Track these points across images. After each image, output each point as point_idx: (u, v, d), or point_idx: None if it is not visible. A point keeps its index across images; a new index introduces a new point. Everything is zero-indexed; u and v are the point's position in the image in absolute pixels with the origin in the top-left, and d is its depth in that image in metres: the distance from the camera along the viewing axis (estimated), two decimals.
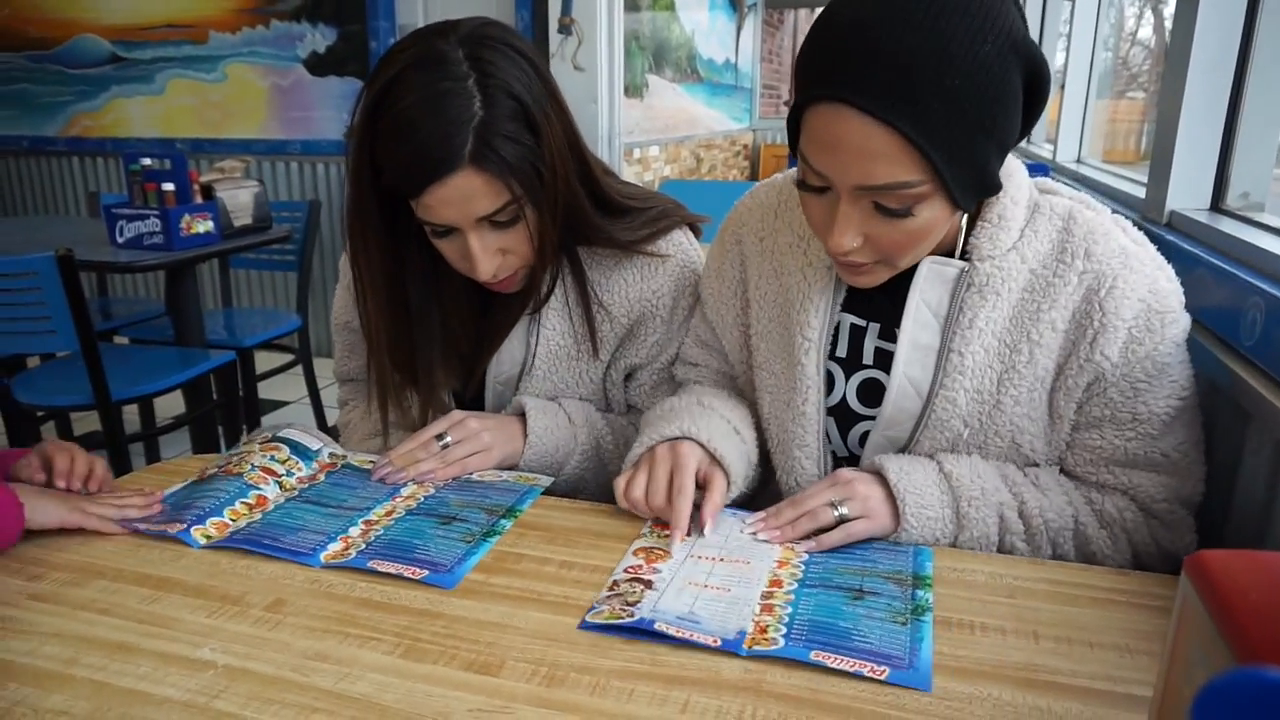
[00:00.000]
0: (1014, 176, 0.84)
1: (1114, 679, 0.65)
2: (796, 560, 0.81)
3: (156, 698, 0.63)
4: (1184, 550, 0.85)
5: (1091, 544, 0.85)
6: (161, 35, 3.93)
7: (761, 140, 6.46)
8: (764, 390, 0.98)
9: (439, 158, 0.85)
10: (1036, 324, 0.84)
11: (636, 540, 0.85)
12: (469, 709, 0.62)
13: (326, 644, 0.69)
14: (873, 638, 0.69)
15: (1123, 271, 0.81)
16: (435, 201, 0.87)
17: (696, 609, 0.73)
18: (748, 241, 1.00)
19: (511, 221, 0.91)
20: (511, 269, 0.97)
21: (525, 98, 0.88)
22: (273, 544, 0.84)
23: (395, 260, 0.99)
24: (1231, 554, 0.51)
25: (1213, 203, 1.21)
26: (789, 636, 0.69)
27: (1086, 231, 0.84)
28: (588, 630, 0.71)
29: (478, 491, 0.96)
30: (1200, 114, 1.17)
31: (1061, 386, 0.85)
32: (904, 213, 0.75)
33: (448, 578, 0.78)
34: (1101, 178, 1.98)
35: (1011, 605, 0.75)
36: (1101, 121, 2.69)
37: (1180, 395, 0.83)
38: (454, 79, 0.85)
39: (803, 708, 0.62)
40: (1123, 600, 0.76)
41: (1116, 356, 0.82)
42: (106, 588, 0.78)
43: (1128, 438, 0.84)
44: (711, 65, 5.37)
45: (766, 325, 0.97)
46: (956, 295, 0.85)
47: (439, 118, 0.84)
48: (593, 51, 3.49)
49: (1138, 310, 0.81)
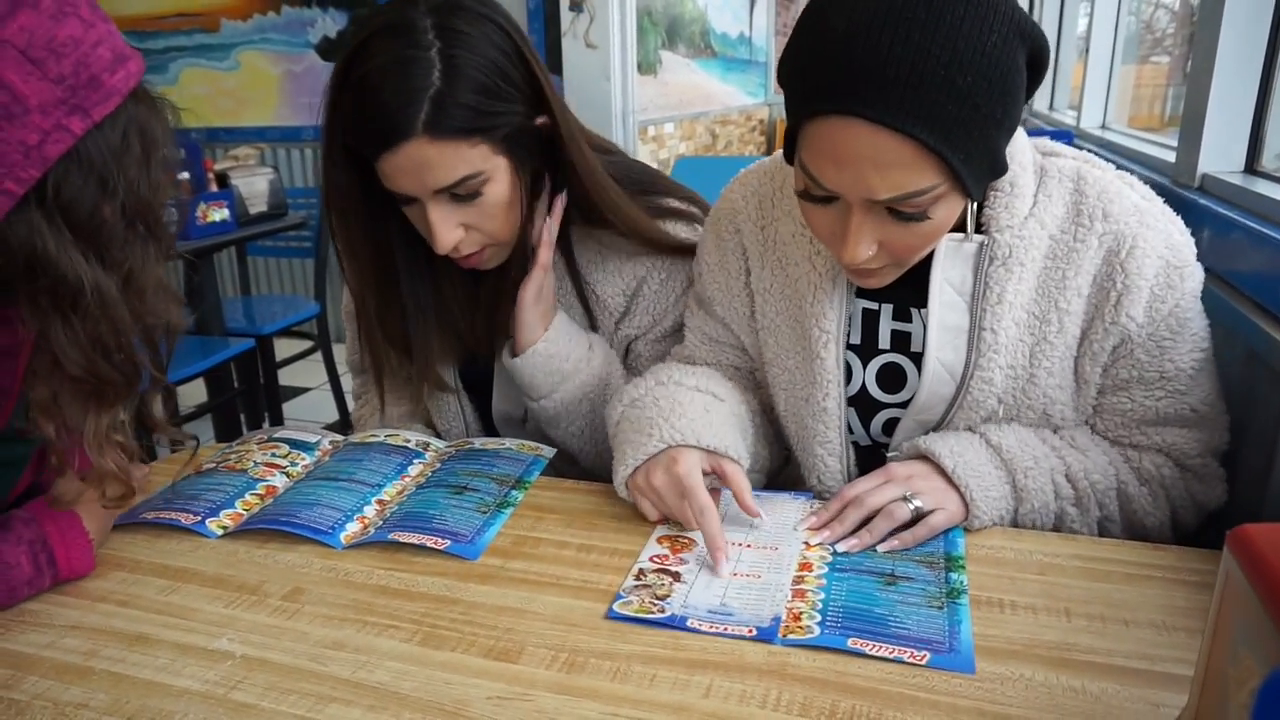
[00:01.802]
0: (1015, 141, 0.81)
1: (1151, 657, 0.63)
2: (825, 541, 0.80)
3: (175, 689, 0.62)
4: (1215, 501, 0.86)
5: (1133, 502, 0.83)
6: (173, 25, 3.92)
7: (777, 115, 6.39)
8: (778, 387, 0.94)
9: (392, 125, 0.84)
10: (1064, 291, 0.82)
11: (659, 527, 0.83)
12: (488, 696, 0.61)
13: (344, 632, 0.69)
14: (909, 623, 0.67)
15: (1141, 230, 0.80)
16: (391, 169, 0.87)
17: (728, 599, 0.71)
18: (747, 231, 0.94)
19: (473, 196, 0.89)
20: (476, 245, 0.94)
21: (495, 69, 0.87)
22: (290, 521, 0.83)
23: (376, 227, 0.97)
24: (1276, 527, 0.49)
25: (1247, 164, 1.17)
26: (824, 624, 0.67)
27: (1099, 191, 0.82)
28: (615, 620, 0.69)
29: (484, 460, 0.97)
30: (1234, 72, 1.13)
31: (1087, 352, 0.83)
32: (920, 217, 0.72)
33: (470, 548, 0.79)
34: (1128, 143, 1.94)
35: (1042, 582, 0.73)
36: (1126, 87, 2.63)
37: (1201, 347, 0.83)
38: (418, 47, 0.84)
39: (828, 691, 0.60)
40: (1158, 576, 0.73)
41: (1142, 317, 0.80)
42: (125, 579, 0.77)
43: (1157, 397, 0.83)
44: (725, 40, 5.30)
45: (774, 320, 0.93)
46: (980, 271, 0.82)
47: (397, 85, 0.83)
48: (605, 28, 3.44)
49: (1158, 268, 0.80)
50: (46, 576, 0.74)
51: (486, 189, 0.90)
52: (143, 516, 0.86)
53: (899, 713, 0.58)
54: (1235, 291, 0.95)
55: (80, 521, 0.77)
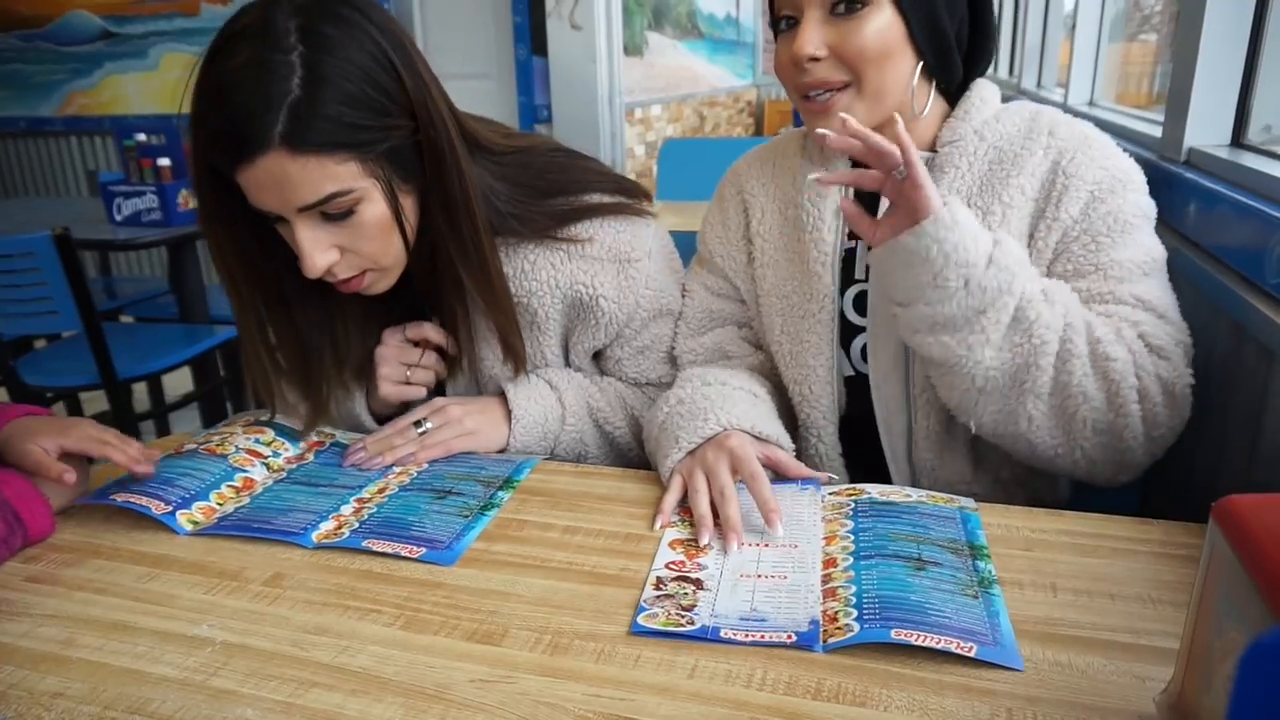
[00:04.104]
0: (983, 90, 0.93)
1: (1137, 631, 0.63)
2: (844, 532, 0.76)
3: (153, 676, 0.62)
4: (1182, 384, 0.83)
5: (1096, 329, 0.82)
6: (153, 9, 3.88)
7: (766, 96, 6.36)
8: (774, 314, 1.01)
9: (245, 135, 0.76)
10: (1006, 188, 0.89)
11: (669, 531, 0.79)
12: (470, 679, 0.60)
13: (326, 617, 0.68)
14: (948, 611, 0.64)
15: (1083, 146, 0.88)
16: (249, 184, 0.79)
17: (757, 604, 0.67)
18: (749, 188, 1.04)
19: (345, 215, 0.82)
20: (354, 269, 0.87)
21: (365, 78, 0.79)
22: (263, 527, 0.81)
23: (259, 250, 0.89)
24: (1261, 499, 0.48)
25: (1233, 138, 1.17)
26: (862, 619, 0.64)
27: (1051, 119, 0.91)
28: (640, 635, 0.64)
29: (473, 463, 0.94)
30: (1220, 44, 1.12)
31: (1034, 249, 0.89)
32: (857, 6, 0.83)
33: (446, 555, 0.76)
34: (1115, 118, 1.93)
35: (1029, 558, 0.72)
36: (1114, 65, 2.62)
37: (1148, 255, 0.87)
38: (278, 50, 0.76)
39: (813, 669, 0.60)
40: (1143, 550, 0.73)
41: (1077, 212, 0.87)
42: (103, 567, 0.76)
43: (1093, 281, 0.87)
44: (713, 21, 5.27)
45: (773, 255, 1.01)
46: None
47: (252, 92, 0.76)
48: (590, 9, 3.41)
49: (1100, 176, 0.87)
50: (18, 535, 0.74)
51: (360, 208, 0.82)
52: (112, 498, 0.83)
53: (884, 689, 0.58)
54: (1221, 265, 0.95)
55: (31, 484, 0.78)
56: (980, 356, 0.81)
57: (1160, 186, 0.94)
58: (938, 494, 0.83)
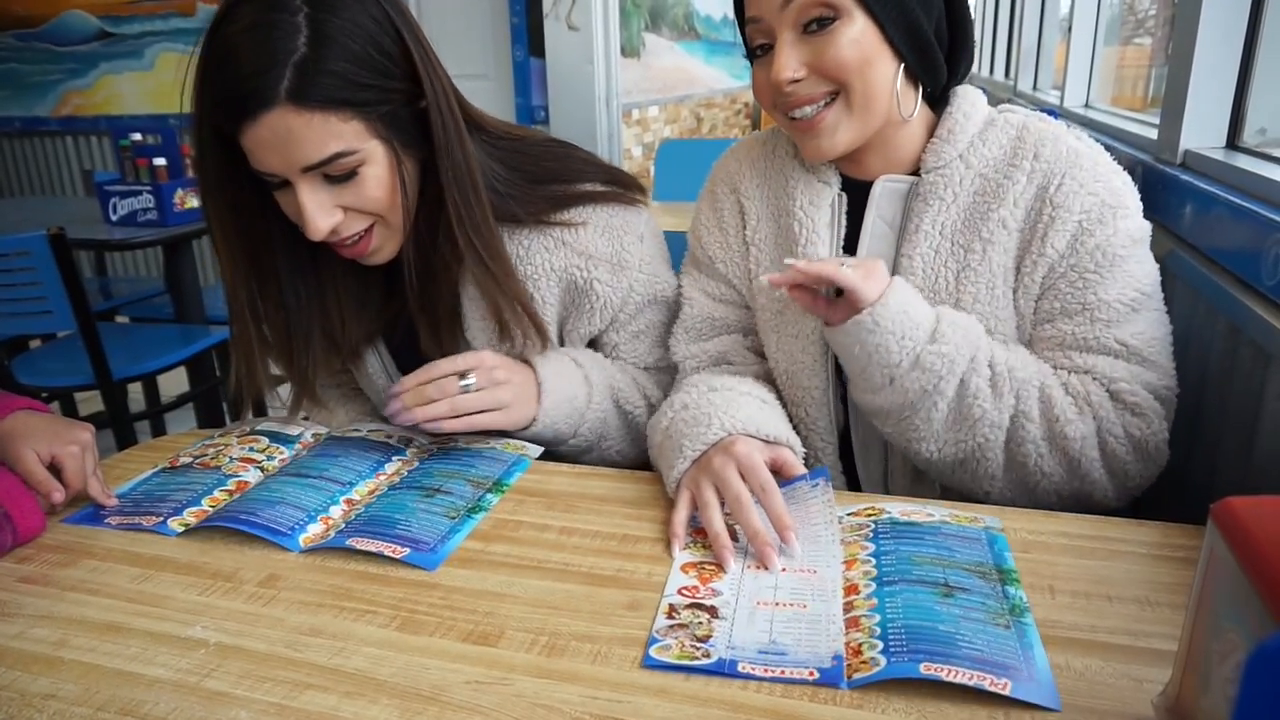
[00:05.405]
0: (969, 96, 0.91)
1: (1135, 633, 0.63)
2: (864, 555, 0.72)
3: (146, 678, 0.61)
4: (1156, 441, 0.84)
5: (1055, 407, 0.82)
6: (149, 9, 3.87)
7: None
8: (768, 331, 0.99)
9: (251, 91, 0.78)
10: (987, 222, 0.87)
11: (681, 554, 0.75)
12: (466, 681, 0.60)
13: (321, 619, 0.68)
14: (979, 642, 0.60)
15: (1071, 169, 0.85)
16: (253, 143, 0.80)
17: (776, 636, 0.63)
18: (744, 190, 1.01)
19: (347, 176, 0.84)
20: (361, 225, 0.88)
21: (369, 39, 0.81)
22: (249, 519, 0.80)
23: (254, 219, 0.90)
24: (1259, 500, 0.48)
25: (1229, 140, 1.17)
26: (888, 651, 0.60)
27: (1038, 137, 0.88)
28: (653, 668, 0.61)
29: (464, 459, 0.93)
30: (1216, 47, 1.12)
31: (1021, 285, 0.87)
32: (828, 20, 0.81)
33: (430, 557, 0.75)
34: (1110, 120, 1.93)
35: (1026, 560, 0.72)
36: (1109, 68, 2.63)
37: (1137, 289, 0.85)
38: (284, 11, 0.79)
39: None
40: (1142, 552, 0.73)
41: (1064, 247, 0.84)
42: (96, 568, 0.76)
43: (1078, 323, 0.85)
44: (709, 22, 5.27)
45: (767, 266, 0.99)
46: (906, 206, 0.90)
47: (258, 48, 0.77)
48: (587, 10, 3.41)
49: (1089, 204, 0.84)
50: (7, 534, 0.74)
51: (363, 170, 0.84)
52: (107, 522, 0.83)
53: (882, 689, 0.58)
54: (1217, 266, 0.95)
55: (20, 482, 0.78)
56: (919, 448, 0.85)
57: (1156, 188, 0.94)
58: (960, 512, 0.79)
